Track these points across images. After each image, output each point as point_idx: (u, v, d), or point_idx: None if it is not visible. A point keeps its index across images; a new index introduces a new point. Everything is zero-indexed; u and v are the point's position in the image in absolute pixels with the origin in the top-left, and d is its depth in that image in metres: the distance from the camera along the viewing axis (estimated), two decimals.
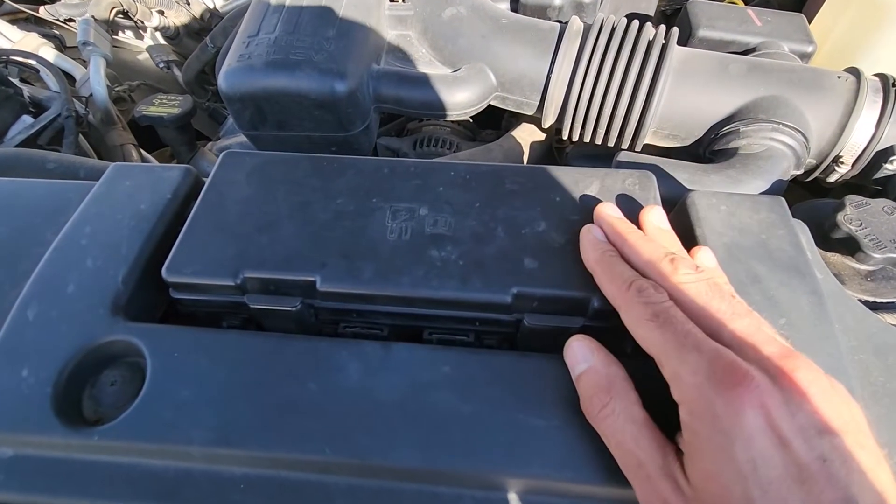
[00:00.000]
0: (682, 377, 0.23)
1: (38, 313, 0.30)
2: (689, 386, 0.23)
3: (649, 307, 0.25)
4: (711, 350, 0.23)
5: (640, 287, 0.26)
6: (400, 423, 0.26)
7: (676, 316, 0.25)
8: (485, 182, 0.34)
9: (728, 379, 0.22)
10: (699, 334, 0.24)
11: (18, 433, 0.27)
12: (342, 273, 0.30)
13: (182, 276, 0.30)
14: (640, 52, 0.50)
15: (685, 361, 0.23)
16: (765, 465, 0.20)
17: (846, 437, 0.21)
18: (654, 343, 0.25)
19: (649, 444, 0.24)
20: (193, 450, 0.26)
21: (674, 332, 0.24)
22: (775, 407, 0.21)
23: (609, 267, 0.28)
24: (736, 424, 0.21)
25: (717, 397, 0.22)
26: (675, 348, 0.24)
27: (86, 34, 0.70)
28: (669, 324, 0.24)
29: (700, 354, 0.23)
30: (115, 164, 0.38)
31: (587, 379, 0.26)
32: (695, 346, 0.23)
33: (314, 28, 0.54)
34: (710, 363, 0.22)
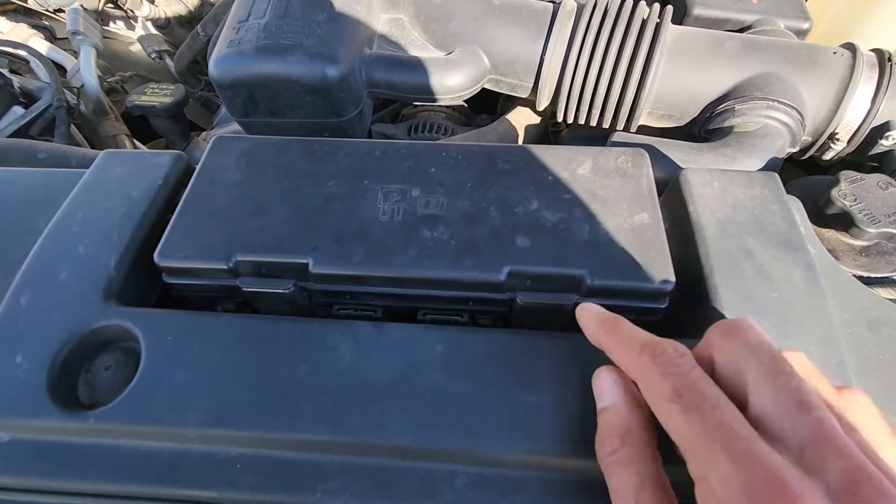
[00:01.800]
0: (710, 484, 0.18)
1: (30, 300, 0.30)
2: (716, 498, 0.18)
3: (668, 379, 0.21)
4: (750, 454, 0.18)
5: (656, 351, 0.22)
6: (393, 402, 0.26)
7: (706, 394, 0.20)
8: (477, 162, 0.34)
9: (772, 499, 0.16)
10: (737, 425, 0.19)
11: (14, 418, 0.27)
12: (334, 255, 0.30)
13: (174, 260, 0.30)
14: (633, 31, 0.50)
15: (714, 464, 0.18)
16: None
17: None
18: (677, 430, 0.20)
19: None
20: (188, 431, 0.26)
21: (701, 420, 0.19)
22: None
23: (615, 329, 0.24)
24: None
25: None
26: (702, 443, 0.19)
27: (75, 23, 0.69)
28: (695, 407, 0.19)
29: (734, 458, 0.18)
30: (106, 151, 0.37)
31: (606, 418, 0.23)
32: (727, 445, 0.18)
33: (304, 12, 0.53)
34: (746, 473, 0.17)
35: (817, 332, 0.28)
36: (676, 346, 0.22)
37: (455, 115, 0.76)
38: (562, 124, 0.75)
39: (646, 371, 0.22)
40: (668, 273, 0.29)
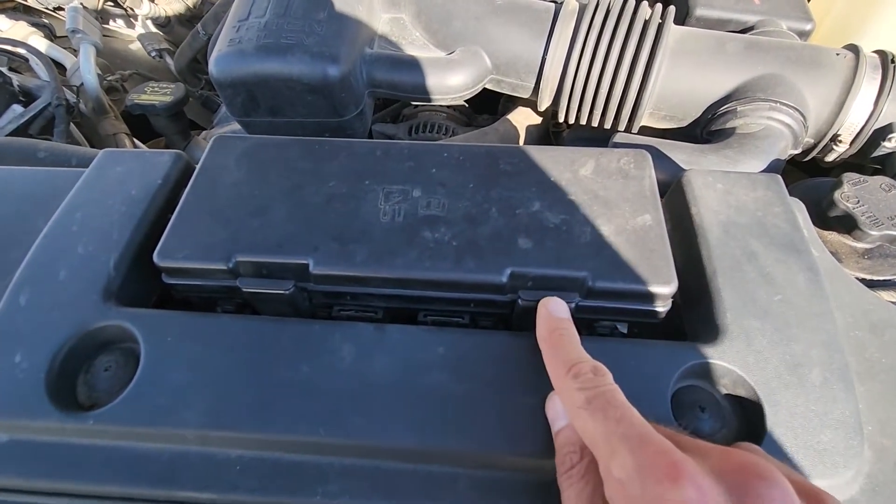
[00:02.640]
0: (612, 472, 0.20)
1: (29, 299, 0.30)
2: (615, 483, 0.20)
3: (583, 392, 0.23)
4: (643, 439, 0.20)
5: (580, 371, 0.24)
6: (394, 404, 0.26)
7: (612, 399, 0.22)
8: (478, 163, 0.34)
9: (657, 471, 0.19)
10: (634, 419, 0.21)
11: (13, 418, 0.27)
12: (335, 255, 0.30)
13: (174, 260, 0.30)
14: (635, 31, 0.49)
15: (615, 453, 0.20)
16: None
17: None
18: (586, 433, 0.22)
19: None
20: (188, 433, 0.26)
21: (604, 418, 0.21)
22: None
23: (554, 346, 0.26)
24: None
25: (643, 495, 0.19)
26: (605, 438, 0.21)
27: (75, 21, 0.69)
28: (600, 409, 0.22)
29: (629, 444, 0.20)
30: (106, 150, 0.37)
31: (564, 436, 0.24)
32: (624, 435, 0.20)
33: (305, 11, 0.53)
34: (640, 454, 0.19)
35: (820, 335, 0.28)
36: (598, 368, 0.24)
37: (456, 116, 0.76)
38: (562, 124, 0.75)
39: (567, 387, 0.24)
40: (671, 276, 0.28)
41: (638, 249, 0.30)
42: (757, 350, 0.27)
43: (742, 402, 0.27)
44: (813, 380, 0.26)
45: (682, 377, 0.27)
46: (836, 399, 0.26)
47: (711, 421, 0.27)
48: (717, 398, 0.27)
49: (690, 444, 0.21)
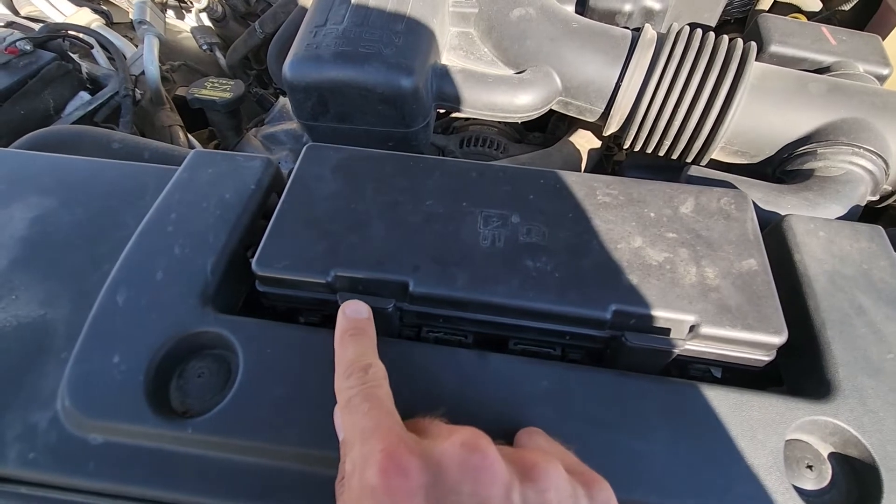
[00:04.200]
0: (345, 466, 0.21)
1: (127, 299, 0.30)
2: (346, 476, 0.21)
3: (349, 392, 0.23)
4: (378, 428, 0.20)
5: (351, 372, 0.24)
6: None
7: (370, 396, 0.22)
8: (576, 192, 0.33)
9: (372, 460, 0.19)
10: (382, 413, 0.21)
11: (110, 420, 0.26)
12: (436, 277, 0.29)
13: (272, 270, 0.30)
14: (717, 64, 0.49)
15: (351, 447, 0.21)
16: None
17: None
18: (342, 433, 0.23)
19: None
20: (288, 449, 0.26)
21: (354, 414, 0.22)
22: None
23: (342, 346, 0.26)
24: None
25: (359, 487, 0.19)
26: (350, 434, 0.22)
27: (142, 12, 0.70)
28: (357, 406, 0.22)
29: (362, 435, 0.21)
30: (196, 151, 0.37)
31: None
32: (364, 428, 0.21)
33: (383, 22, 0.53)
34: (367, 444, 0.20)
35: None
36: (371, 366, 0.24)
37: (507, 131, 0.76)
38: (615, 149, 0.75)
39: (339, 387, 0.24)
40: (781, 325, 0.28)
41: (745, 295, 0.29)
42: (872, 410, 0.26)
43: (853, 462, 0.26)
44: None
45: (792, 432, 0.26)
46: None
47: (819, 479, 0.26)
48: (825, 456, 0.27)
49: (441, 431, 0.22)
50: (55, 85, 0.58)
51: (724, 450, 0.25)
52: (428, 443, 0.21)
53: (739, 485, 0.25)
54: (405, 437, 0.20)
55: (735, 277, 0.30)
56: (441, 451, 0.20)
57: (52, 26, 0.68)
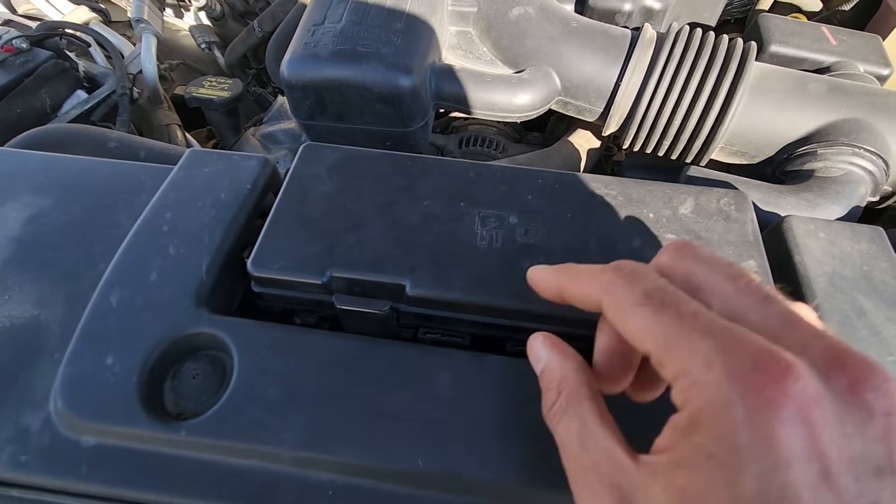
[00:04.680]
0: (693, 374, 0.17)
1: (121, 299, 0.29)
2: (700, 385, 0.16)
3: (637, 286, 0.20)
4: (734, 334, 0.17)
5: (620, 266, 0.21)
6: (495, 438, 0.26)
7: (678, 294, 0.19)
8: (574, 193, 0.33)
9: (761, 373, 0.15)
10: (712, 314, 0.18)
11: (103, 422, 0.26)
12: (433, 278, 0.29)
13: (268, 270, 0.30)
14: (717, 64, 0.49)
15: (696, 352, 0.17)
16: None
17: None
18: (648, 332, 0.18)
19: (597, 447, 0.19)
20: (283, 452, 0.25)
21: (676, 315, 0.18)
22: (824, 421, 0.15)
23: (572, 267, 0.24)
24: (761, 441, 0.15)
25: (741, 400, 0.15)
26: (680, 336, 0.17)
27: (140, 11, 0.69)
28: (669, 304, 0.18)
29: (716, 340, 0.17)
30: (192, 150, 0.37)
31: (543, 379, 0.23)
32: (708, 330, 0.17)
33: (382, 20, 0.53)
34: (731, 352, 0.16)
35: None
36: (642, 264, 0.21)
37: (506, 131, 0.76)
38: (615, 149, 0.74)
39: (611, 283, 0.21)
40: None
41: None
42: None
43: None
44: None
45: None
46: None
47: None
48: None
49: (772, 339, 0.17)
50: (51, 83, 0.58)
51: None
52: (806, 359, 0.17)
53: None
54: (782, 349, 0.16)
55: None
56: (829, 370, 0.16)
57: (49, 24, 0.68)
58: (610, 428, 0.20)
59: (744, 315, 0.18)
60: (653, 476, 0.17)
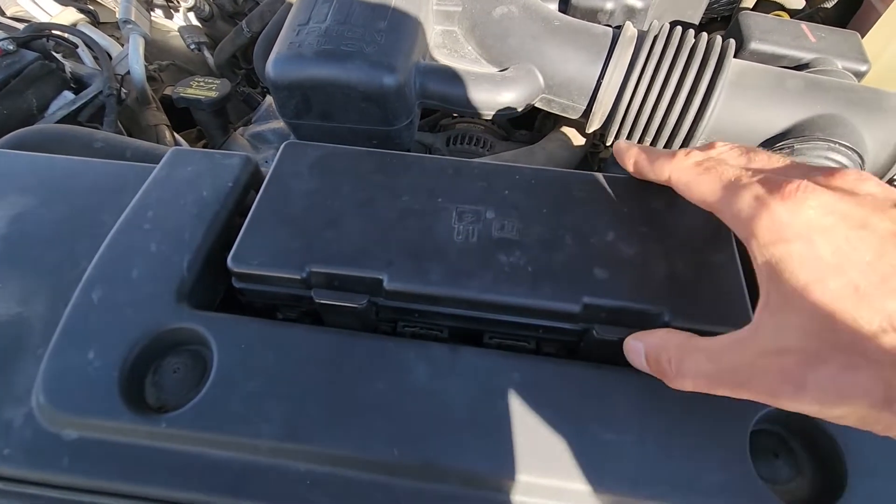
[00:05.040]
0: (741, 208, 0.23)
1: (102, 296, 0.30)
2: (750, 211, 0.23)
3: (698, 163, 0.27)
4: (762, 175, 0.23)
5: (688, 151, 0.28)
6: (469, 428, 0.26)
7: (726, 160, 0.26)
8: (551, 188, 0.34)
9: (784, 189, 0.22)
10: (747, 172, 0.24)
11: (84, 416, 0.27)
12: (410, 272, 0.30)
13: (248, 266, 0.30)
14: (696, 61, 0.50)
15: (740, 195, 0.23)
16: (852, 248, 0.20)
17: None
18: (708, 192, 0.25)
19: (719, 360, 0.23)
20: (261, 443, 0.26)
21: (720, 174, 0.25)
22: (837, 197, 0.21)
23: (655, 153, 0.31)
24: (806, 223, 0.21)
25: (780, 206, 0.21)
26: (725, 187, 0.24)
27: (127, 12, 0.70)
28: (715, 169, 0.25)
29: (751, 185, 0.23)
30: (175, 149, 0.37)
31: (650, 357, 0.26)
32: (747, 181, 0.24)
33: (366, 19, 0.53)
34: (763, 184, 0.23)
35: None
36: (702, 149, 0.28)
37: (494, 129, 0.76)
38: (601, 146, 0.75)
39: (678, 165, 0.28)
40: (748, 318, 0.28)
41: (714, 288, 0.29)
42: None
43: (818, 449, 0.27)
44: None
45: (758, 421, 0.27)
46: None
47: (787, 468, 0.27)
48: (792, 444, 0.27)
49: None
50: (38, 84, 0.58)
51: (692, 440, 0.26)
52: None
53: (707, 474, 0.25)
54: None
55: (704, 270, 0.30)
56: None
57: (36, 26, 0.68)
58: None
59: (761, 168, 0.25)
60: (771, 304, 0.22)
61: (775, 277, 0.22)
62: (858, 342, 0.19)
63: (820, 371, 0.19)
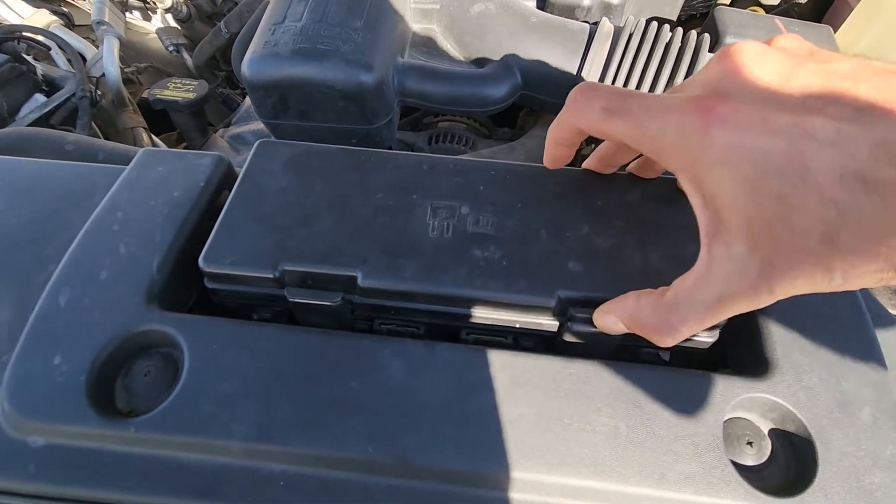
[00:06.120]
0: (661, 145, 0.22)
1: (70, 299, 0.29)
2: (668, 146, 0.22)
3: (595, 102, 0.25)
4: (675, 97, 0.22)
5: (578, 92, 0.26)
6: (445, 424, 0.26)
7: (621, 99, 0.24)
8: (526, 183, 0.34)
9: (695, 112, 0.21)
10: (645, 100, 0.23)
11: (51, 422, 0.26)
12: (384, 269, 0.30)
13: (220, 266, 0.30)
14: (671, 56, 0.50)
15: (648, 130, 0.23)
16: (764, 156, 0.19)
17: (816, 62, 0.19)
18: (620, 136, 0.24)
19: (696, 296, 0.23)
20: (233, 444, 0.25)
21: (628, 114, 0.24)
22: (741, 118, 0.20)
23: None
24: (719, 146, 0.20)
25: (694, 135, 0.21)
26: (634, 128, 0.23)
27: (101, 13, 0.69)
28: (619, 111, 0.24)
29: (660, 115, 0.22)
30: (145, 150, 0.37)
31: (630, 325, 0.26)
32: (647, 112, 0.23)
33: (342, 18, 0.53)
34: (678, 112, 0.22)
35: (869, 373, 0.28)
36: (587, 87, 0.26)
37: (476, 127, 0.76)
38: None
39: (580, 111, 0.26)
40: None
41: None
42: (807, 386, 0.27)
43: (791, 437, 0.27)
44: (864, 419, 0.26)
45: (732, 409, 0.27)
46: (887, 439, 0.26)
47: (759, 455, 0.27)
48: (765, 432, 0.27)
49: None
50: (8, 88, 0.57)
51: (665, 430, 0.26)
52: None
53: (680, 464, 0.25)
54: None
55: (679, 261, 0.30)
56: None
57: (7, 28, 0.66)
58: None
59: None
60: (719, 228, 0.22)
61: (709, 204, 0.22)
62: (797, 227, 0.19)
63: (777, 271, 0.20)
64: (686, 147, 0.21)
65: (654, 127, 0.22)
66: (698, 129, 0.20)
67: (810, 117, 0.18)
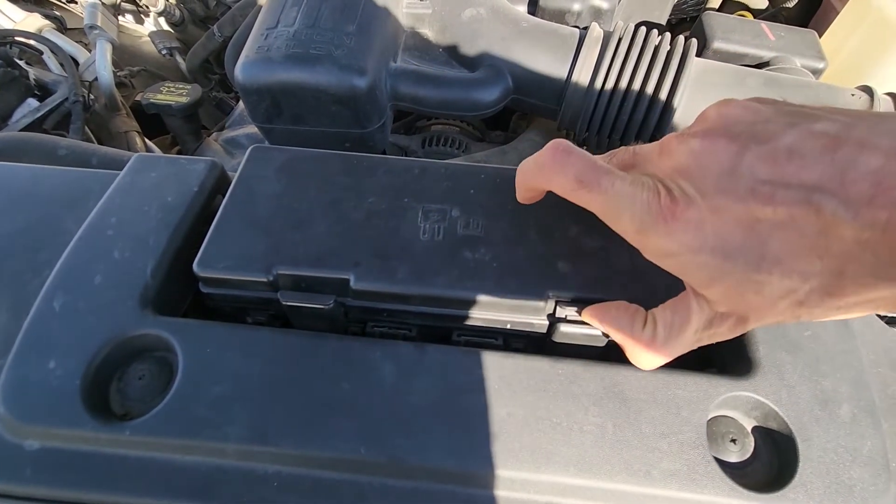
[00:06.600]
0: (625, 231, 0.24)
1: (64, 304, 0.29)
2: (632, 234, 0.24)
3: (570, 172, 0.25)
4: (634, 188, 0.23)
5: (549, 155, 0.26)
6: (435, 425, 0.26)
7: (597, 174, 0.24)
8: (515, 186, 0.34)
9: (657, 216, 0.22)
10: (618, 181, 0.24)
11: (47, 426, 0.26)
12: (376, 272, 0.30)
13: (214, 270, 0.30)
14: (659, 61, 0.51)
15: (622, 210, 0.24)
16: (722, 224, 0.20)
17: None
18: (593, 208, 0.25)
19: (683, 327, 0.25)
20: (228, 446, 0.26)
21: (600, 189, 0.24)
22: (700, 217, 0.21)
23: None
24: (681, 244, 0.22)
25: (658, 236, 0.22)
26: (608, 204, 0.24)
27: (93, 17, 0.69)
28: (593, 184, 0.24)
29: (631, 198, 0.23)
30: (139, 155, 0.37)
31: (617, 339, 0.27)
32: (621, 194, 0.23)
33: (334, 23, 0.53)
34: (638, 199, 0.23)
35: (849, 371, 0.28)
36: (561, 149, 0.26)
37: (469, 130, 0.77)
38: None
39: (551, 175, 0.26)
40: None
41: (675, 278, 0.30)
42: (789, 384, 0.28)
43: (773, 435, 0.28)
44: (843, 416, 0.27)
45: (716, 408, 0.28)
46: (865, 435, 0.27)
47: (742, 452, 0.27)
48: (748, 430, 0.28)
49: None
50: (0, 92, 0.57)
51: (651, 428, 0.27)
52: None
53: (664, 461, 0.26)
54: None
55: None
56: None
57: None
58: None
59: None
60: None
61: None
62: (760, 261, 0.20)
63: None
64: (652, 243, 0.23)
65: (623, 213, 0.23)
66: (663, 234, 0.22)
67: (761, 206, 0.19)
